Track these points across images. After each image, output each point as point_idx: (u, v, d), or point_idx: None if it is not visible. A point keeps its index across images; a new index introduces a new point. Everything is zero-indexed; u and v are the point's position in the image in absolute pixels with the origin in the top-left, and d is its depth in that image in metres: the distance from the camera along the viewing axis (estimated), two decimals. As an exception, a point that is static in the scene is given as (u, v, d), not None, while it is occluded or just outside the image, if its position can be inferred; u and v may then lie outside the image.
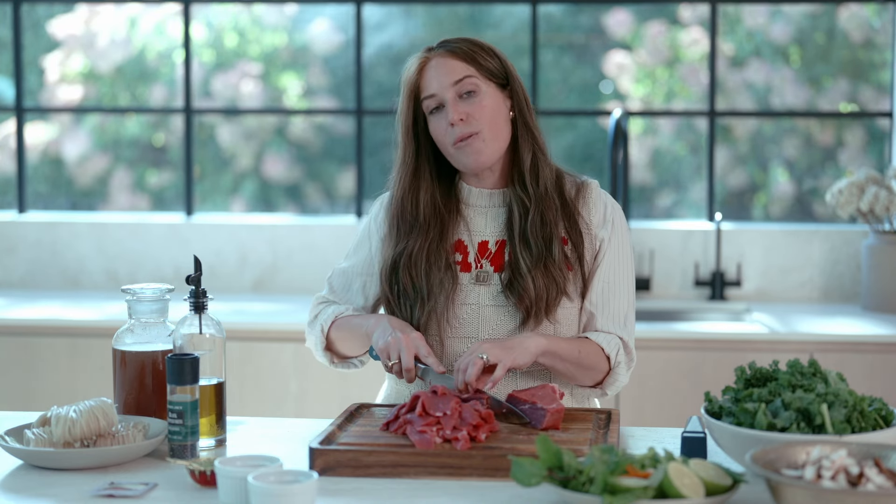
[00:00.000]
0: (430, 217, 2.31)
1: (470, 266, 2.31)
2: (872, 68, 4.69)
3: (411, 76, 2.29)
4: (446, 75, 2.26)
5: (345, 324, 2.33)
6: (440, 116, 2.27)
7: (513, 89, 2.31)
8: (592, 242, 2.33)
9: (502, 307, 2.29)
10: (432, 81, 2.27)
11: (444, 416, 1.97)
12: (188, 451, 1.96)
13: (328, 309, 2.38)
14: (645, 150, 4.88)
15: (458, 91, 2.26)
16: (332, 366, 2.41)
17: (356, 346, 2.35)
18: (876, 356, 3.72)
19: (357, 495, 1.81)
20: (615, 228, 2.34)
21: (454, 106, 2.25)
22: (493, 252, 2.32)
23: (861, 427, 1.80)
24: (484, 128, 2.26)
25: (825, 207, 4.52)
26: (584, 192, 2.35)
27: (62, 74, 4.97)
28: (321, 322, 2.36)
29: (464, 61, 2.27)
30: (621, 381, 2.31)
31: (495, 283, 2.30)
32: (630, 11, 4.82)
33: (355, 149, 4.63)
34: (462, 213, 2.34)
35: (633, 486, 1.61)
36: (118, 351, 2.14)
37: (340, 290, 2.42)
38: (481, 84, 2.27)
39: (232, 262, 4.51)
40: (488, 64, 2.28)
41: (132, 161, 5.05)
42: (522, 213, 2.30)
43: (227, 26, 5.01)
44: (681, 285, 4.39)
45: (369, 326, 2.26)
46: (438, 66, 2.27)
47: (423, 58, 2.29)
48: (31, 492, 1.84)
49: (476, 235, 2.33)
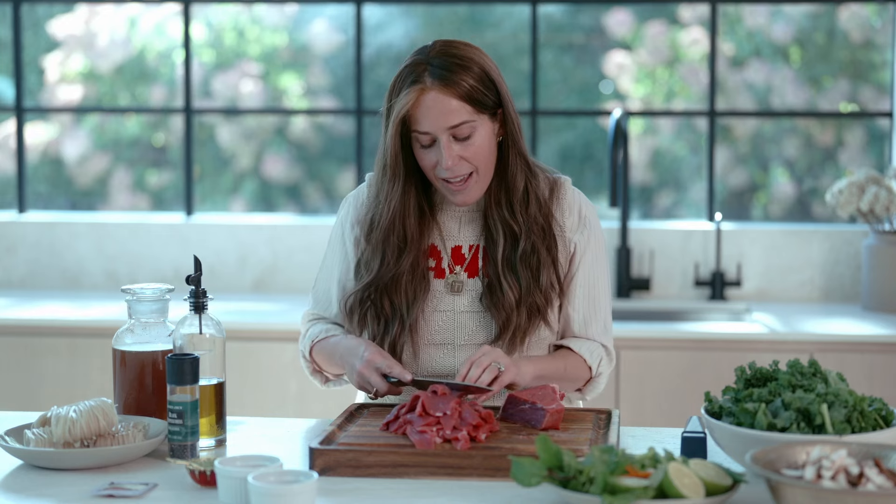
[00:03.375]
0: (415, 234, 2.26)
1: (444, 272, 2.28)
2: (872, 68, 4.69)
3: (405, 107, 2.16)
4: (443, 117, 2.16)
5: (322, 349, 2.32)
6: (431, 151, 2.19)
7: (505, 112, 2.22)
8: (566, 246, 2.29)
9: (478, 313, 2.27)
10: (427, 119, 2.16)
11: (444, 416, 1.97)
12: (188, 451, 1.96)
13: (312, 329, 2.36)
14: (645, 150, 4.88)
15: (454, 134, 2.17)
16: (324, 386, 2.39)
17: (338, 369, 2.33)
18: (876, 356, 3.72)
19: (357, 495, 1.81)
20: (591, 231, 2.31)
21: (448, 149, 2.16)
22: (468, 258, 2.28)
23: (861, 427, 1.80)
24: (476, 167, 2.20)
25: (825, 207, 4.52)
26: (557, 193, 2.30)
27: (62, 74, 4.97)
28: (301, 348, 2.37)
29: (462, 101, 2.16)
30: (602, 386, 2.33)
31: (469, 289, 2.27)
32: (630, 11, 4.82)
33: (355, 149, 4.63)
34: (435, 218, 2.29)
35: (633, 486, 1.61)
36: (118, 351, 2.14)
37: (324, 301, 2.39)
38: (477, 123, 2.18)
39: (232, 262, 4.51)
40: (485, 99, 2.18)
41: (132, 161, 5.05)
42: (511, 241, 2.24)
43: (227, 26, 5.01)
44: (681, 285, 4.39)
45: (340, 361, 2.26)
46: (436, 104, 2.15)
47: (420, 88, 2.16)
48: (31, 492, 1.84)
49: (449, 240, 2.29)
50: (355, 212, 2.34)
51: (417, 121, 2.17)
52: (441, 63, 2.17)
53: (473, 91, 2.17)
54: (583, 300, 2.29)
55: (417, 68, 2.18)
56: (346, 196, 2.40)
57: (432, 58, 2.18)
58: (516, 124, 2.24)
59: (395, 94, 2.19)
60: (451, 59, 2.18)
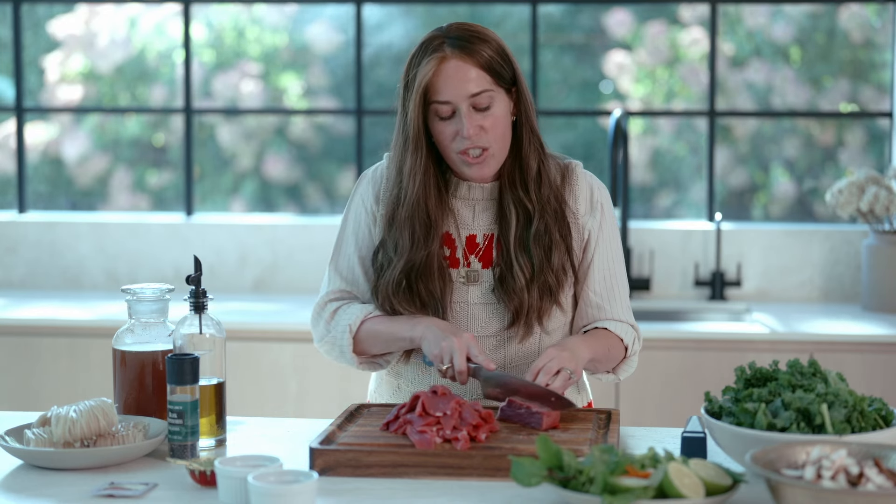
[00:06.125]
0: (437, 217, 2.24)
1: (458, 261, 2.27)
2: (872, 68, 4.69)
3: (426, 76, 2.17)
4: (464, 85, 2.17)
5: (378, 325, 2.23)
6: (450, 122, 2.19)
7: (518, 90, 2.24)
8: (580, 232, 2.29)
9: (491, 304, 2.26)
10: (448, 87, 2.17)
11: (444, 416, 1.97)
12: (188, 451, 1.96)
13: (349, 308, 2.27)
14: (645, 150, 4.88)
15: (474, 103, 2.18)
16: (359, 367, 2.30)
17: (387, 348, 2.26)
18: (876, 356, 3.72)
19: (357, 495, 1.81)
20: (604, 214, 2.31)
21: (469, 118, 2.17)
22: (482, 248, 2.28)
23: (861, 427, 1.80)
24: (494, 143, 2.20)
25: (825, 207, 4.52)
26: (568, 178, 2.30)
27: (62, 74, 4.97)
28: (347, 322, 2.25)
29: (482, 70, 2.17)
30: (634, 366, 2.33)
31: (484, 279, 2.26)
32: (630, 11, 4.82)
33: (355, 149, 4.63)
34: (449, 205, 2.28)
35: (633, 486, 1.61)
36: (118, 351, 2.14)
37: (350, 278, 2.31)
38: (495, 95, 2.19)
39: (232, 262, 4.51)
40: (503, 71, 2.20)
41: (132, 161, 5.05)
42: (524, 220, 2.24)
43: (227, 26, 5.01)
44: (681, 285, 4.39)
45: (415, 334, 2.18)
46: (457, 71, 2.17)
47: (440, 56, 2.17)
48: (31, 492, 1.84)
49: (464, 229, 2.28)
50: (375, 187, 2.31)
51: (438, 90, 2.18)
52: (459, 35, 2.20)
53: (492, 61, 2.19)
54: (602, 283, 2.30)
55: (436, 41, 2.20)
56: (364, 173, 2.35)
57: (450, 32, 2.21)
58: (530, 103, 2.25)
59: (415, 66, 2.19)
60: (468, 32, 2.21)
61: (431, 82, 2.18)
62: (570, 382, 2.12)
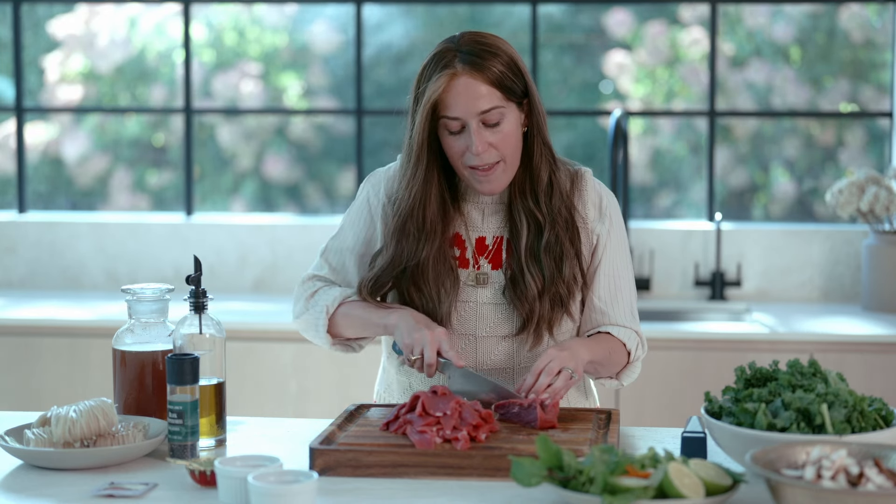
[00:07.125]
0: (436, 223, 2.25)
1: (467, 262, 2.28)
2: (873, 68, 4.69)
3: (437, 92, 2.16)
4: (474, 101, 2.16)
5: (355, 310, 2.26)
6: (459, 137, 2.19)
7: (531, 102, 2.23)
8: (589, 237, 2.30)
9: (500, 305, 2.27)
10: (458, 104, 2.16)
11: (444, 416, 1.97)
12: (188, 451, 1.96)
13: (330, 290, 2.30)
14: (645, 150, 4.88)
15: (484, 119, 2.17)
16: (331, 348, 2.33)
17: (361, 333, 2.29)
18: (876, 356, 3.72)
19: (357, 495, 1.81)
20: (613, 221, 2.32)
21: (478, 135, 2.16)
22: (492, 250, 2.29)
23: (861, 427, 1.80)
24: (504, 157, 2.20)
25: (825, 207, 4.52)
26: (578, 184, 2.30)
27: (62, 74, 4.97)
28: (325, 303, 2.28)
29: (492, 86, 2.16)
30: (637, 372, 2.33)
31: (493, 281, 2.27)
32: (630, 11, 4.82)
33: (355, 149, 4.63)
34: (459, 208, 2.29)
35: (633, 486, 1.61)
36: (118, 351, 2.14)
37: (339, 268, 2.35)
38: (506, 110, 2.18)
39: (232, 262, 4.51)
40: (514, 86, 2.19)
41: (132, 161, 5.05)
42: (535, 230, 2.25)
43: (227, 26, 5.01)
44: (681, 285, 4.39)
45: (389, 322, 2.21)
46: (467, 88, 2.15)
47: (451, 73, 2.15)
48: (31, 492, 1.84)
49: (473, 231, 2.29)
50: (387, 184, 2.32)
51: (448, 106, 2.17)
52: (471, 49, 2.18)
53: (503, 77, 2.18)
54: (607, 289, 2.30)
55: (447, 55, 2.18)
56: (374, 171, 2.36)
57: (462, 45, 2.19)
58: (542, 115, 2.25)
59: (425, 80, 2.19)
60: (480, 46, 2.19)
61: (441, 98, 2.17)
62: (572, 382, 2.12)
